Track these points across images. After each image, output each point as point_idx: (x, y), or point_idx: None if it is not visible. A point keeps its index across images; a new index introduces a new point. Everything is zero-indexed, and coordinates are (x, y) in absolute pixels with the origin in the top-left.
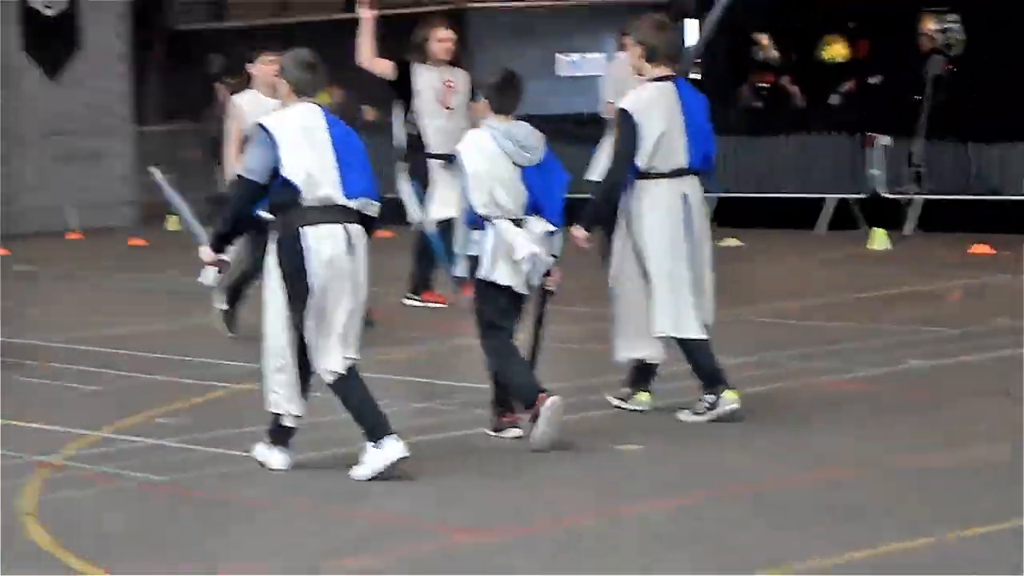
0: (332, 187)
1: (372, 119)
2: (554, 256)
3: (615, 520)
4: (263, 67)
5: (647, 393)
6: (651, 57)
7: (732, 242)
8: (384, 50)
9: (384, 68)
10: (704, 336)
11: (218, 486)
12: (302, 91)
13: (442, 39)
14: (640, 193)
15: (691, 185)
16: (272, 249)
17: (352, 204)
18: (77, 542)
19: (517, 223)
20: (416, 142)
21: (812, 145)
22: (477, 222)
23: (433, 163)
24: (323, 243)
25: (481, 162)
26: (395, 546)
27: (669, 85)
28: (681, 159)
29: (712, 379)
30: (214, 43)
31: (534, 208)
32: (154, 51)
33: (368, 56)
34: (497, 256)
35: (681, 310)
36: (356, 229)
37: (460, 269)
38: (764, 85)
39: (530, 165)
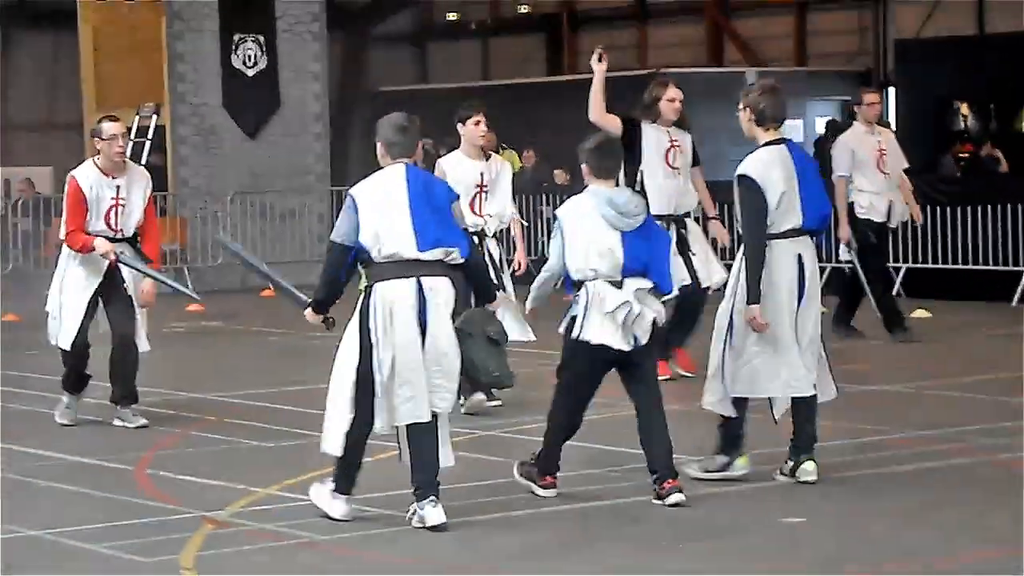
0: (403, 243)
1: (563, 182)
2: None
3: None
4: (470, 128)
5: (743, 456)
6: (760, 121)
7: (920, 313)
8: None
9: (614, 125)
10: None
11: (378, 546)
12: (394, 154)
13: (672, 99)
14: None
15: (806, 245)
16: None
17: (426, 256)
18: None
19: (615, 284)
20: None
21: (1012, 216)
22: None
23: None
24: (388, 295)
25: (579, 226)
26: None
27: (782, 148)
28: (797, 220)
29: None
30: (417, 104)
31: (635, 273)
32: (356, 112)
33: (599, 111)
34: (590, 312)
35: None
36: (431, 281)
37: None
38: (964, 155)
39: (630, 230)
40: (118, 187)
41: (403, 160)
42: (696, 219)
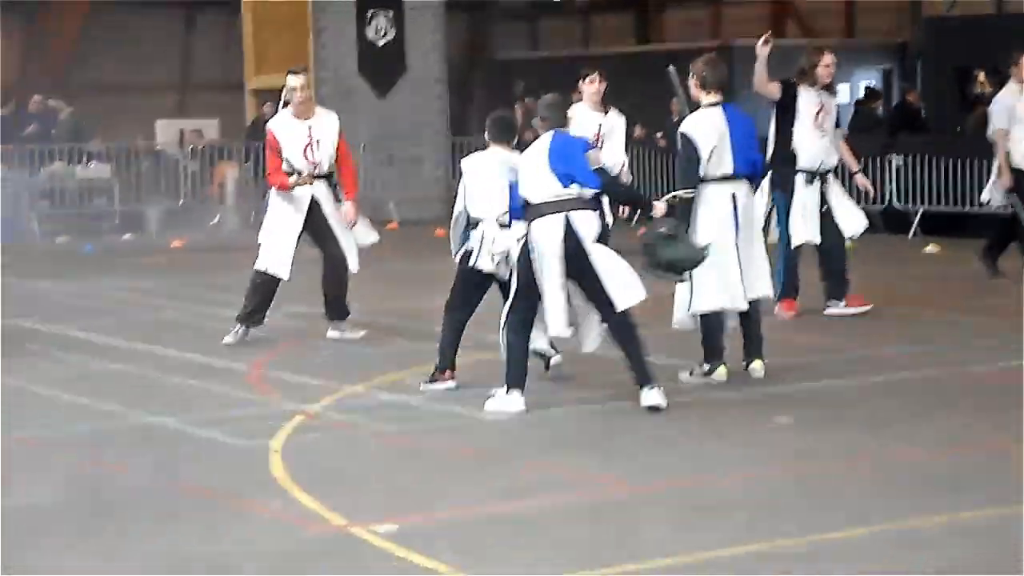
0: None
1: (639, 137)
2: None
3: (745, 483)
4: (587, 85)
5: (723, 366)
6: (703, 86)
7: (930, 248)
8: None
9: (774, 90)
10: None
11: (435, 437)
12: (544, 125)
13: (827, 64)
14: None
15: (739, 187)
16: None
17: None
18: (302, 475)
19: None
20: (789, 159)
21: None
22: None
23: (800, 180)
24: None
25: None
26: (563, 493)
27: (718, 109)
28: (728, 167)
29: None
30: (528, 70)
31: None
32: (477, 76)
33: (761, 81)
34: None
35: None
36: (577, 215)
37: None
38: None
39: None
40: (309, 127)
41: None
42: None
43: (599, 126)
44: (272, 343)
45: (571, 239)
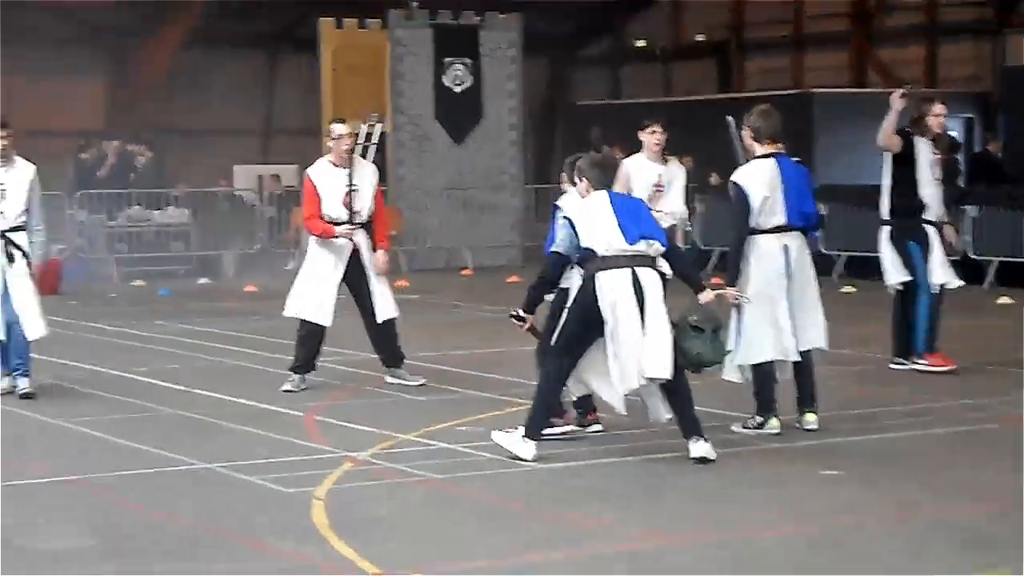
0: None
1: (716, 184)
2: None
3: (787, 536)
4: (647, 136)
5: (776, 418)
6: (756, 138)
7: (1003, 300)
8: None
9: (896, 143)
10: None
11: (475, 486)
12: (598, 186)
13: (938, 114)
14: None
15: (792, 238)
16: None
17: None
18: (341, 523)
19: None
20: (910, 209)
21: None
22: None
23: (930, 228)
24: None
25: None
26: (595, 544)
27: (771, 161)
28: (781, 218)
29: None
30: (609, 116)
31: None
32: (559, 122)
33: (889, 134)
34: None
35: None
36: (643, 271)
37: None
38: None
39: None
40: (349, 175)
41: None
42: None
43: (659, 176)
44: (331, 389)
45: (639, 293)
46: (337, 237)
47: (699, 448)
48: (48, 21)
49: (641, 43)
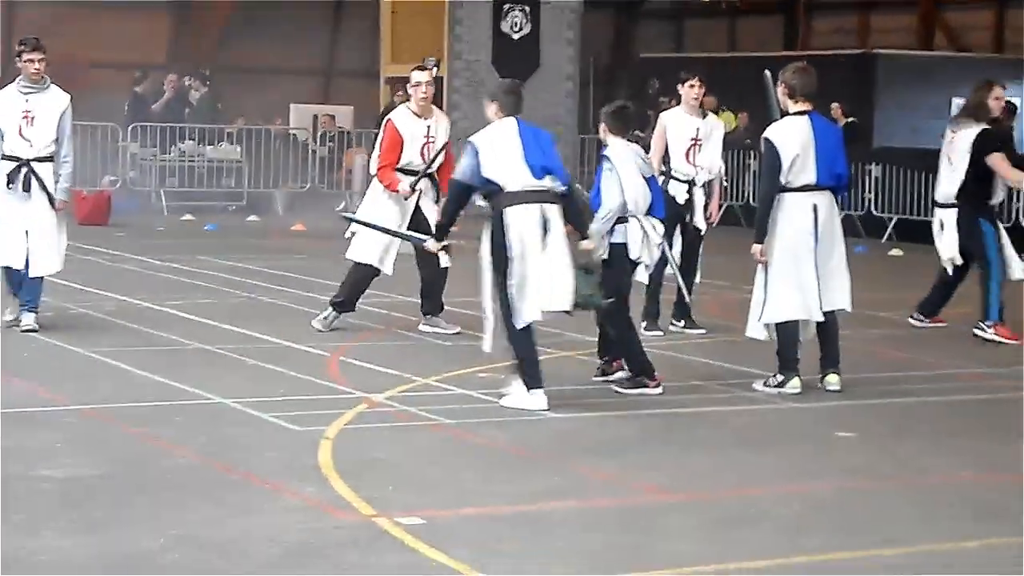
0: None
1: None
2: None
3: (785, 496)
4: (686, 89)
5: (796, 377)
6: (791, 94)
7: None
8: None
9: (1015, 176)
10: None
11: (486, 432)
12: (505, 110)
13: (998, 97)
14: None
15: (821, 197)
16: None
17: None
18: (346, 463)
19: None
20: (987, 192)
21: None
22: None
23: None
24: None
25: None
26: (596, 497)
27: (804, 118)
28: (811, 177)
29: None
30: (671, 69)
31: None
32: (622, 75)
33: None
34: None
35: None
36: (549, 208)
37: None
38: None
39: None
40: (428, 127)
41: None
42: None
43: (696, 129)
44: (359, 331)
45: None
46: (400, 191)
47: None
48: None
49: None
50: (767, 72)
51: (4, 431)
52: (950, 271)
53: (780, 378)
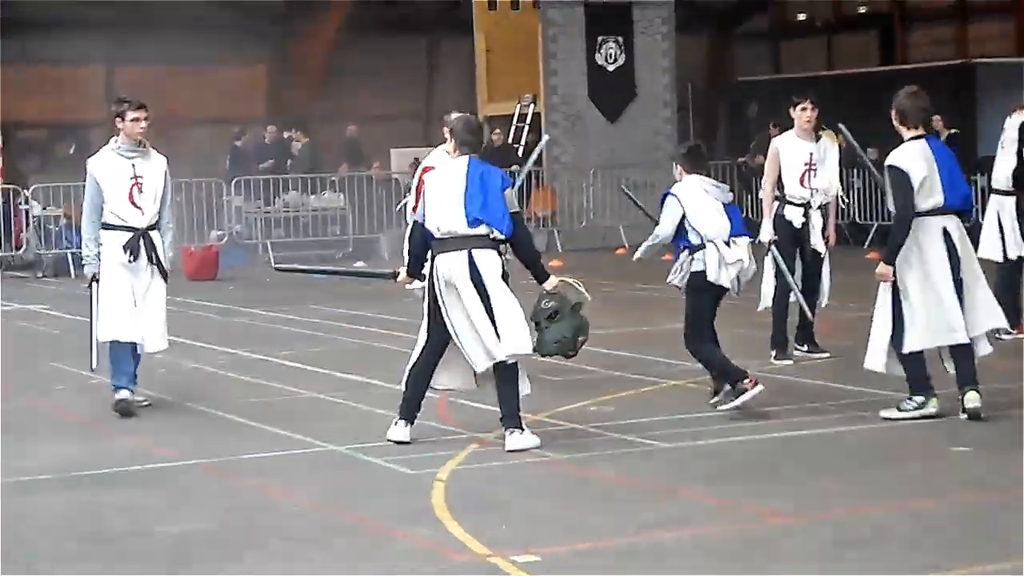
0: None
1: (875, 158)
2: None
3: (898, 515)
4: (798, 113)
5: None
6: (903, 121)
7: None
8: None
9: None
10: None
11: (598, 466)
12: (462, 149)
13: None
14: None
15: (950, 220)
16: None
17: (475, 232)
18: (459, 504)
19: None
20: None
21: None
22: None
23: None
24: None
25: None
26: (710, 524)
27: (923, 142)
28: (939, 199)
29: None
30: (769, 92)
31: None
32: (721, 98)
33: None
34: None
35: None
36: (480, 253)
37: None
38: None
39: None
40: None
41: (475, 155)
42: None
43: (810, 154)
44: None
45: (475, 274)
46: None
47: (513, 441)
48: (212, 10)
49: (802, 16)
50: (843, 128)
51: (118, 490)
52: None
53: (919, 399)
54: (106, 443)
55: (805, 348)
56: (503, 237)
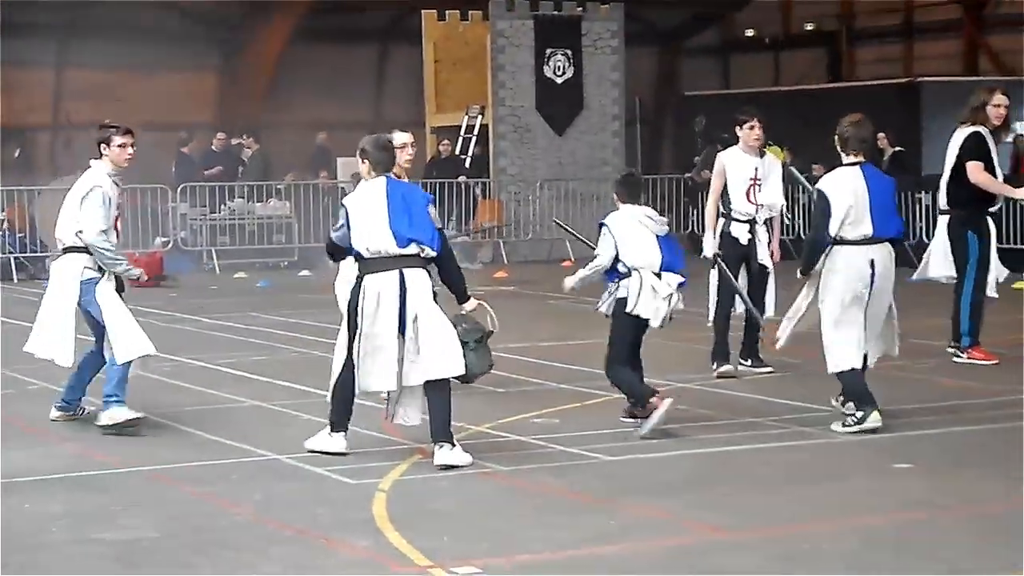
0: (385, 242)
1: (818, 174)
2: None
3: (841, 531)
4: (746, 131)
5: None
6: (843, 147)
7: None
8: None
9: (984, 179)
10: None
11: (541, 478)
12: (378, 169)
13: (998, 104)
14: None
15: (879, 250)
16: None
17: (405, 251)
18: (400, 515)
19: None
20: (973, 199)
21: None
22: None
23: (991, 220)
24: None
25: (629, 230)
26: (651, 538)
27: (856, 169)
28: (868, 229)
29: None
30: (718, 106)
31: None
32: (668, 113)
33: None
34: (642, 294)
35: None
36: (411, 272)
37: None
38: None
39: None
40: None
41: (387, 174)
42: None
43: (755, 169)
44: None
45: (403, 295)
46: None
47: (443, 456)
48: (162, 17)
49: (750, 32)
50: (790, 168)
51: (58, 496)
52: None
53: (859, 414)
54: (46, 448)
55: (749, 362)
56: (433, 255)
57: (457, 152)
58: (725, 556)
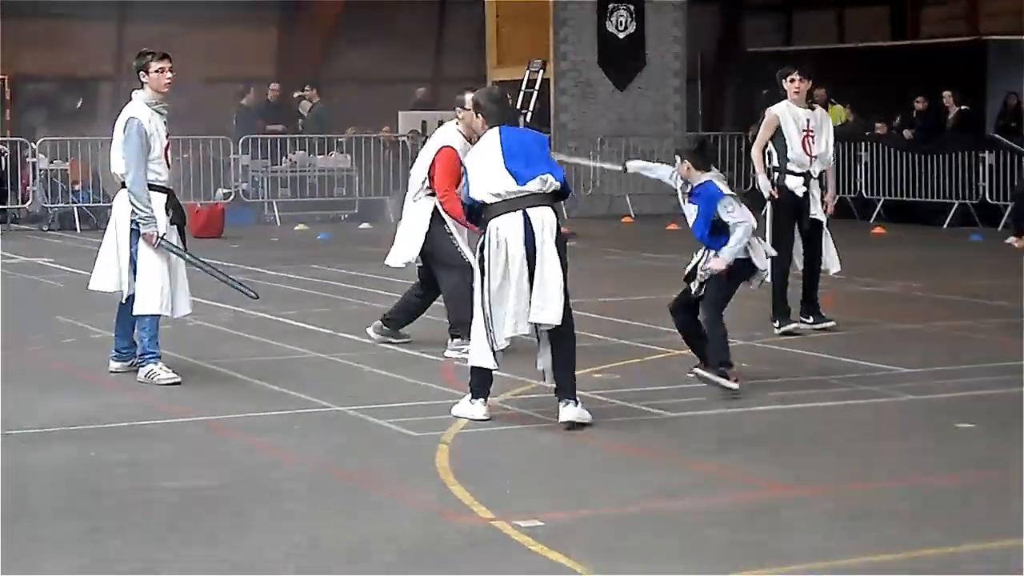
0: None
1: (882, 132)
2: None
3: (904, 490)
4: (788, 85)
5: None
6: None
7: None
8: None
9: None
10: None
11: (606, 433)
12: (491, 120)
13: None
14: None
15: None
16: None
17: (526, 189)
18: (462, 468)
19: None
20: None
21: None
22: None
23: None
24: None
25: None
26: (714, 494)
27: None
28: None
29: None
30: (781, 64)
31: None
32: (730, 70)
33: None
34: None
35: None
36: (535, 212)
37: None
38: None
39: None
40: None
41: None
42: None
43: (807, 121)
44: None
45: (529, 236)
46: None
47: (568, 412)
48: None
49: None
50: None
51: (121, 445)
52: None
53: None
54: (110, 398)
55: (810, 320)
56: (557, 185)
57: (518, 106)
58: (793, 513)
